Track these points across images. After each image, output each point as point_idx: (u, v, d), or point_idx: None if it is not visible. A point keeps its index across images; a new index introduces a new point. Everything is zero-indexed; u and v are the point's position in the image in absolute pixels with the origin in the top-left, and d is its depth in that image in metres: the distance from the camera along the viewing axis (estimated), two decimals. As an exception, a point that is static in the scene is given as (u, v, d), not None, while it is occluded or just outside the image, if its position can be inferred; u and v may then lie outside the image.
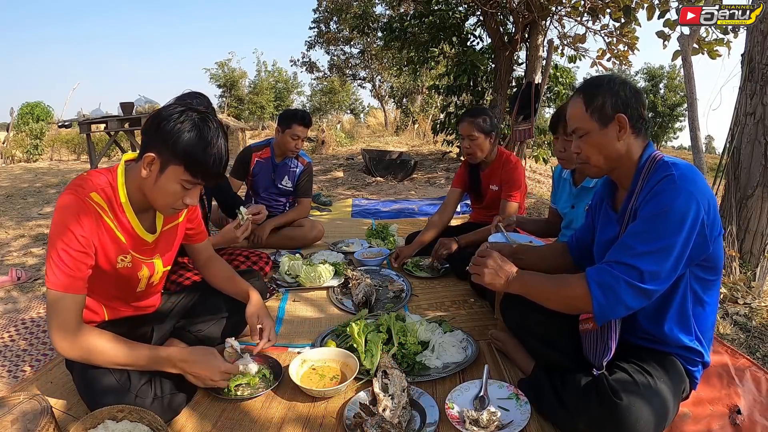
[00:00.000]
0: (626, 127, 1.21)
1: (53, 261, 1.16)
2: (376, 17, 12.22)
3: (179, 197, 1.22)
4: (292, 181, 3.05)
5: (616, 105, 1.21)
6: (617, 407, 1.08)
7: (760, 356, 1.82)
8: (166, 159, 1.17)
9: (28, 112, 11.22)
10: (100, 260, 1.25)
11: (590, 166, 1.29)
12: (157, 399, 1.26)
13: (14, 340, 1.87)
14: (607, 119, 1.21)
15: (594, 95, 1.23)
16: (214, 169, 1.20)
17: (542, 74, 6.25)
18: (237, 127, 12.29)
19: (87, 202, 1.18)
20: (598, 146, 1.24)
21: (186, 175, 1.18)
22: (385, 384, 1.38)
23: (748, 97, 2.48)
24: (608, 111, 1.21)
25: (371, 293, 2.13)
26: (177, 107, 1.20)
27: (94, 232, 1.20)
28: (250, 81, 20.97)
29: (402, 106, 17.77)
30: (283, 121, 2.84)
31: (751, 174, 2.47)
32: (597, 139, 1.24)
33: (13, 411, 1.16)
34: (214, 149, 1.19)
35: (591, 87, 1.25)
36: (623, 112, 1.21)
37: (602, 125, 1.22)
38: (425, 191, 5.95)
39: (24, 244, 3.40)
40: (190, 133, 1.16)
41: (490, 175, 2.61)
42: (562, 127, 1.85)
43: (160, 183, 1.19)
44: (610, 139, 1.23)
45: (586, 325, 1.30)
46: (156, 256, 1.41)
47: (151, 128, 1.19)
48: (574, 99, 1.28)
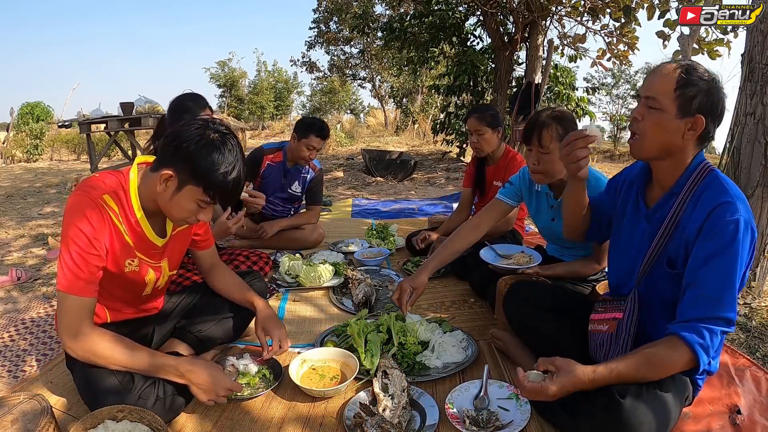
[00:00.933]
0: (698, 130, 1.14)
1: (64, 262, 1.16)
2: (376, 17, 12.22)
3: (193, 214, 1.22)
4: (302, 186, 3.03)
5: (703, 105, 1.12)
6: (621, 412, 1.05)
7: (760, 356, 1.82)
8: (185, 179, 1.16)
9: (28, 112, 11.20)
10: (109, 263, 1.24)
11: (641, 142, 1.19)
12: (159, 400, 1.25)
13: (14, 340, 1.87)
14: (688, 112, 1.13)
15: (691, 83, 1.12)
16: (232, 192, 1.21)
17: (542, 74, 6.25)
18: (237, 127, 12.26)
19: (99, 204, 1.18)
20: (662, 129, 1.15)
21: (204, 196, 1.18)
22: (385, 384, 1.38)
23: (748, 97, 2.48)
24: (694, 105, 1.12)
25: (371, 293, 2.13)
26: (196, 125, 1.19)
27: (106, 234, 1.20)
28: (250, 81, 20.99)
29: (402, 106, 17.77)
30: (300, 129, 2.79)
31: (751, 174, 2.47)
32: (665, 122, 1.14)
33: (13, 411, 1.16)
34: (234, 173, 1.18)
35: (695, 75, 1.13)
36: (704, 116, 1.13)
37: (680, 114, 1.13)
38: (425, 191, 5.95)
39: (24, 244, 3.40)
40: (210, 156, 1.15)
41: (495, 171, 2.64)
42: (536, 138, 1.64)
43: (175, 200, 1.19)
44: (676, 130, 1.14)
45: (599, 326, 1.28)
46: (164, 260, 1.40)
47: (170, 146, 1.17)
48: (672, 70, 1.15)
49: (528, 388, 1.11)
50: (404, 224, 3.84)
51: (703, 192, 1.13)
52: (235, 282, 1.61)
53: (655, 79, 1.16)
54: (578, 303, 1.53)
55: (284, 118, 20.75)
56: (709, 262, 1.08)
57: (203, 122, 1.21)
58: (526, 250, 2.07)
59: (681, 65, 1.16)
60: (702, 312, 1.08)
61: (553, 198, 1.86)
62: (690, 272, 1.12)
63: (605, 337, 1.25)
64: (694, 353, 1.06)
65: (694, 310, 1.09)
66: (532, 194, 1.93)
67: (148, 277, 1.36)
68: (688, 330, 1.08)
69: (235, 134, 1.23)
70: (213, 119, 1.24)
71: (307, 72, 18.43)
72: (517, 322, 1.59)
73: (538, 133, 1.64)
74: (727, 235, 1.06)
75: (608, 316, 1.28)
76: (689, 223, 1.13)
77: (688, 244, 1.14)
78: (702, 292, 1.08)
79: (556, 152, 1.61)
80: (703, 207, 1.12)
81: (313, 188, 3.06)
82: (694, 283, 1.10)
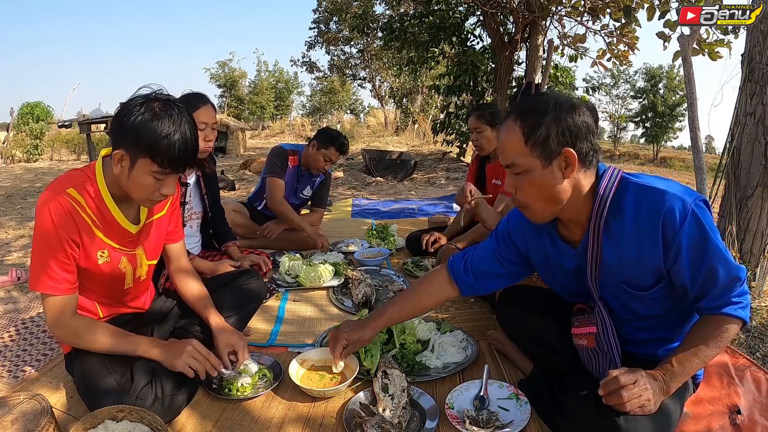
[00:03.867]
0: (574, 164, 1.02)
1: (35, 263, 1.20)
2: (376, 17, 12.23)
3: (154, 189, 1.22)
4: (312, 189, 3.07)
5: (563, 137, 1.01)
6: (617, 421, 1.00)
7: (760, 356, 1.82)
8: (134, 153, 1.16)
9: (28, 112, 11.20)
10: (81, 258, 1.26)
11: (533, 210, 1.10)
12: (158, 400, 1.26)
13: (14, 340, 1.87)
14: (552, 155, 1.02)
15: (536, 124, 1.01)
16: (179, 156, 1.18)
17: (542, 74, 6.24)
18: (237, 127, 12.27)
19: (64, 199, 1.19)
20: (539, 187, 1.05)
21: (154, 166, 1.17)
22: (385, 384, 1.38)
23: (748, 97, 2.48)
24: (553, 145, 1.01)
25: (371, 293, 2.13)
26: (138, 99, 1.18)
27: (72, 229, 1.21)
28: (250, 81, 21.00)
29: (402, 106, 17.78)
30: (322, 139, 2.80)
31: (751, 174, 2.47)
32: (539, 178, 1.04)
33: (13, 411, 1.16)
34: (176, 136, 1.16)
35: (532, 112, 1.03)
36: (572, 146, 1.01)
37: (546, 162, 1.02)
38: (425, 191, 5.95)
39: (24, 244, 3.40)
40: (150, 123, 1.14)
41: (495, 168, 2.65)
42: None
43: (133, 177, 1.19)
44: (554, 179, 1.03)
45: (580, 341, 1.24)
46: (139, 248, 1.40)
47: (115, 124, 1.18)
48: (511, 126, 1.05)
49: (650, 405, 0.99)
50: (404, 224, 3.84)
51: (630, 208, 1.04)
52: (200, 295, 1.56)
53: (504, 144, 1.08)
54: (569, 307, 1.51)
55: (284, 118, 20.77)
56: (702, 261, 1.01)
57: (145, 96, 1.20)
58: None
59: (514, 113, 1.06)
60: (725, 293, 1.04)
61: None
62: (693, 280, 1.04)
63: (590, 351, 1.21)
64: (740, 318, 1.04)
65: (717, 299, 1.04)
66: None
67: (122, 265, 1.36)
68: (724, 306, 1.04)
69: (178, 103, 1.21)
70: (158, 91, 1.23)
71: (307, 72, 18.48)
72: (510, 329, 1.58)
73: None
74: (695, 232, 0.99)
75: (584, 330, 1.23)
76: (643, 244, 1.04)
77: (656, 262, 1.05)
78: (715, 284, 1.03)
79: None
80: (647, 222, 1.02)
81: (320, 191, 3.09)
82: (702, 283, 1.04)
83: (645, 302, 1.14)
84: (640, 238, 1.05)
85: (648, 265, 1.07)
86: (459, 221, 2.66)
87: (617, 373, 1.00)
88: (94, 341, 1.27)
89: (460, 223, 2.66)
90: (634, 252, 1.07)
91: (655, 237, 1.02)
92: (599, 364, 1.20)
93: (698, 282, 1.04)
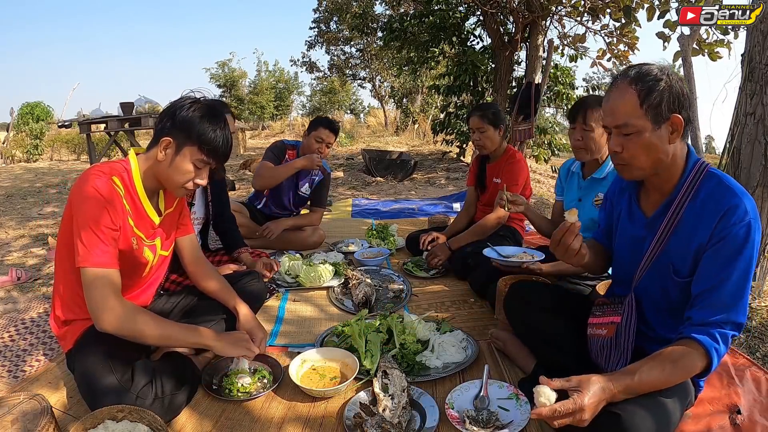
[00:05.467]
0: (680, 130, 1.09)
1: (84, 238, 1.22)
2: (376, 17, 12.23)
3: (191, 177, 1.36)
4: (311, 187, 3.07)
5: (673, 103, 1.07)
6: (619, 417, 1.01)
7: (760, 356, 1.82)
8: (182, 141, 1.32)
9: (28, 112, 11.19)
10: (121, 240, 1.31)
11: (633, 167, 1.15)
12: (158, 399, 1.26)
13: (14, 340, 1.87)
14: (662, 119, 1.08)
15: (651, 90, 1.07)
16: (222, 149, 1.36)
17: (542, 74, 6.25)
18: (237, 127, 12.27)
19: (110, 183, 1.27)
20: (648, 148, 1.10)
21: (200, 154, 1.32)
22: (385, 384, 1.38)
23: (748, 97, 2.48)
24: (664, 110, 1.07)
25: (371, 293, 2.13)
26: (190, 98, 1.37)
27: (118, 211, 1.28)
28: (250, 81, 20.99)
29: (402, 106, 17.78)
30: (310, 125, 2.88)
31: (751, 174, 2.47)
32: (648, 140, 1.09)
33: (13, 411, 1.16)
34: (224, 131, 1.36)
35: (648, 79, 1.08)
36: (679, 113, 1.08)
37: (656, 125, 1.09)
38: (425, 191, 5.95)
39: (24, 244, 3.40)
40: (202, 118, 1.32)
41: (495, 168, 2.66)
42: (581, 116, 1.84)
43: (175, 163, 1.33)
44: (661, 141, 1.10)
45: (598, 330, 1.26)
46: (157, 238, 1.46)
47: (167, 116, 1.34)
48: (624, 89, 1.10)
49: (563, 411, 0.98)
50: (404, 224, 3.84)
51: (705, 194, 1.10)
52: (222, 287, 1.62)
53: (617, 105, 1.12)
54: (578, 303, 1.53)
55: (284, 119, 20.77)
56: (723, 267, 1.06)
57: (195, 98, 1.39)
58: (528, 251, 2.07)
59: (628, 77, 1.11)
60: (716, 316, 1.05)
61: (582, 178, 2.02)
62: (704, 278, 1.09)
63: (604, 342, 1.23)
64: (709, 357, 1.04)
65: (708, 314, 1.06)
66: (567, 174, 2.16)
67: (145, 254, 1.42)
68: (703, 334, 1.05)
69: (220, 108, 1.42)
70: (204, 97, 1.42)
71: (307, 72, 18.46)
72: (517, 323, 1.59)
73: (583, 112, 1.84)
74: (739, 239, 1.04)
75: (606, 320, 1.27)
76: (698, 229, 1.10)
77: (699, 249, 1.10)
78: (716, 296, 1.06)
79: (598, 130, 1.84)
80: (710, 211, 1.08)
81: (319, 190, 3.08)
82: (708, 288, 1.07)
83: (684, 291, 1.15)
84: (699, 223, 1.10)
85: (692, 252, 1.12)
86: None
87: (557, 406, 0.99)
88: (144, 328, 1.26)
89: None
90: (691, 235, 1.12)
91: (710, 224, 1.08)
92: (610, 356, 1.21)
93: (707, 282, 1.07)
